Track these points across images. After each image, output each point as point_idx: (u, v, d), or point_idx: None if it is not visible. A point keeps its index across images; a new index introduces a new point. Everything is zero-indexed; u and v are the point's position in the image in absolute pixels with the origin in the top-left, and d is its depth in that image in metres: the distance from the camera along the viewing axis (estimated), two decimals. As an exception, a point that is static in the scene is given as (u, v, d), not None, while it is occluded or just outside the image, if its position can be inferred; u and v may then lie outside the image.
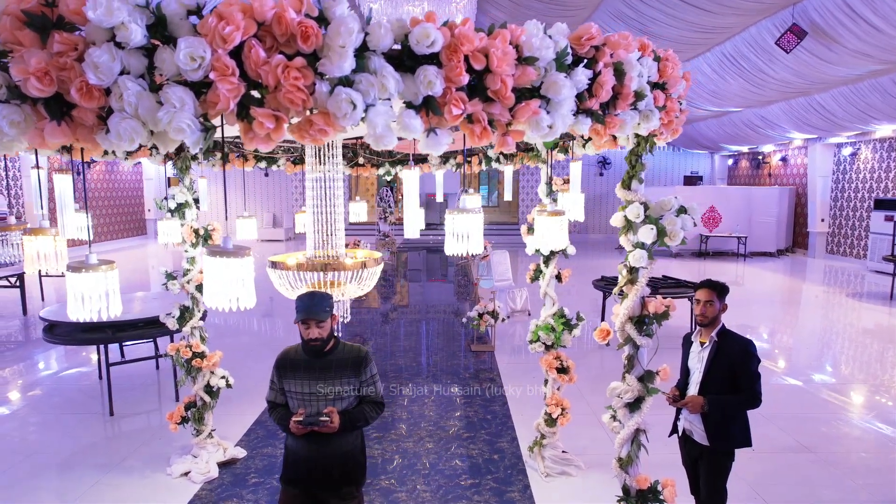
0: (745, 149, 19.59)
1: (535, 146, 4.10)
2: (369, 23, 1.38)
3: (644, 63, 2.04)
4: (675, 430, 3.36)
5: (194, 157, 4.36)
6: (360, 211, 4.72)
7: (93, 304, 1.80)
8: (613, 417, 2.62)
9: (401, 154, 4.74)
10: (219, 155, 4.51)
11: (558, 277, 4.44)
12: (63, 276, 1.97)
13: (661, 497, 2.66)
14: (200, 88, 1.31)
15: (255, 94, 1.36)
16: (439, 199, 7.52)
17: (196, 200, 4.21)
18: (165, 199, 4.27)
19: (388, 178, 4.61)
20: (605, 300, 8.32)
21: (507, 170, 4.19)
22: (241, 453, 4.70)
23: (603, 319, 8.46)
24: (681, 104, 2.61)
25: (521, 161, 4.45)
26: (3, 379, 6.70)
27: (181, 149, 4.29)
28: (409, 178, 2.51)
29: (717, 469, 3.15)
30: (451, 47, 1.41)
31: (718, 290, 3.17)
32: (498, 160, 4.66)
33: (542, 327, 4.38)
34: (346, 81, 1.36)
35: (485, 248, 10.72)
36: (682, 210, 2.47)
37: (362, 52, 1.38)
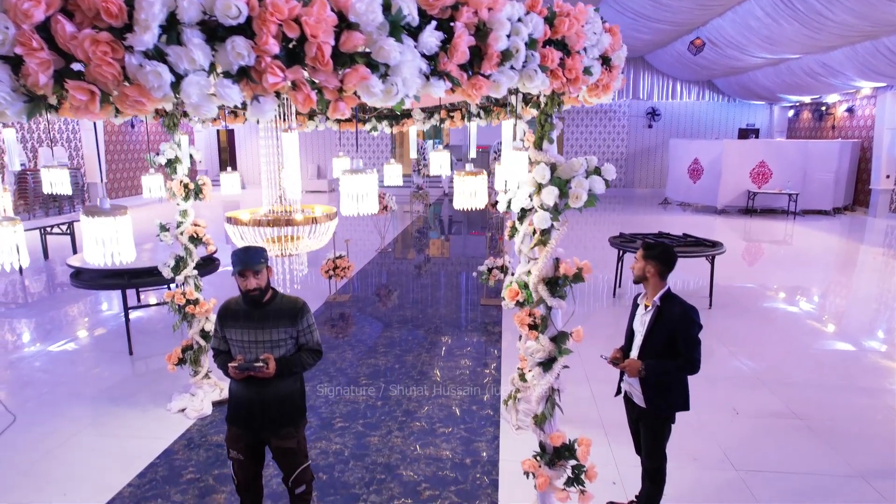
0: (806, 99, 18.21)
1: (509, 101, 4.03)
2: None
3: (529, 20, 1.99)
4: (619, 390, 3.38)
5: (185, 114, 4.53)
6: (342, 166, 4.81)
7: (2, 257, 2.01)
8: (521, 377, 2.67)
9: (385, 109, 4.76)
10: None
11: (534, 236, 4.43)
12: None
13: (577, 454, 2.72)
14: (20, 62, 1.41)
15: (80, 67, 1.45)
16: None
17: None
18: (156, 154, 4.50)
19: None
20: (622, 257, 8.16)
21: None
22: (236, 393, 5.05)
23: (617, 277, 8.33)
24: (607, 60, 2.51)
25: (497, 116, 4.39)
26: (46, 318, 7.38)
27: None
28: (289, 141, 2.56)
29: (654, 432, 3.16)
30: (260, 17, 1.44)
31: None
32: (479, 115, 4.61)
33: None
34: (159, 54, 1.43)
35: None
36: (596, 171, 2.42)
37: (174, 25, 1.43)
